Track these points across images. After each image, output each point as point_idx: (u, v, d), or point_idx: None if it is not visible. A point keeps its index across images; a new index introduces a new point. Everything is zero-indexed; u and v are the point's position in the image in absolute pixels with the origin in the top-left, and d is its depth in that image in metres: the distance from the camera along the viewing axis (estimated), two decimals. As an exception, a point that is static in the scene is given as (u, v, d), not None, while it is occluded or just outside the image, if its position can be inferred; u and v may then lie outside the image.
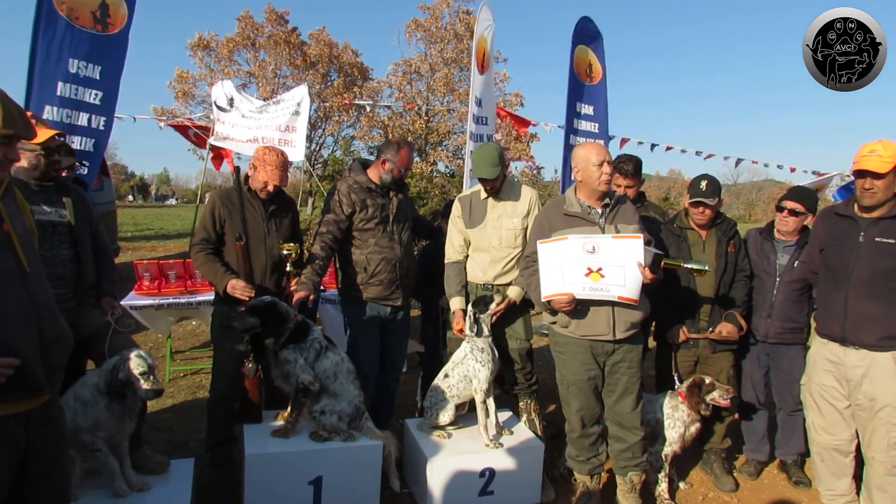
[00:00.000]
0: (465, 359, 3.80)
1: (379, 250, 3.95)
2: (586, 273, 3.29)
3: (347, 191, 3.93)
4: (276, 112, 9.35)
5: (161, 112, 23.37)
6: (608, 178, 3.42)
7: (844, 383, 3.42)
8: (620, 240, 3.30)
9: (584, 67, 7.03)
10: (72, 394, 2.99)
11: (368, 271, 3.95)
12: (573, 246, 3.33)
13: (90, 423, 2.95)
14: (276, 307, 3.46)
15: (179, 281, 5.61)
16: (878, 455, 3.33)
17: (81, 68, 5.01)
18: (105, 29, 5.08)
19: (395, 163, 3.95)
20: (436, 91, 24.24)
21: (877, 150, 3.20)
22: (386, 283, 3.97)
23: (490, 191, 4.00)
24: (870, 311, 3.26)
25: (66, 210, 3.35)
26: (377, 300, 3.99)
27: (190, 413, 4.83)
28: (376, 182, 3.98)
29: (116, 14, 5.13)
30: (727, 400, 3.74)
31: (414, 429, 3.90)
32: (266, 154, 3.74)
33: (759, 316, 4.07)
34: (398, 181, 4.05)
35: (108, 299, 3.47)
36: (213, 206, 3.76)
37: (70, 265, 3.34)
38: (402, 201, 4.10)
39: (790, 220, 3.97)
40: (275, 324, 3.45)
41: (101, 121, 5.26)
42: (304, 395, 3.48)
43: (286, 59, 23.99)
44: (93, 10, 4.98)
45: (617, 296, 3.26)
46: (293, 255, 3.76)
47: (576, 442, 3.70)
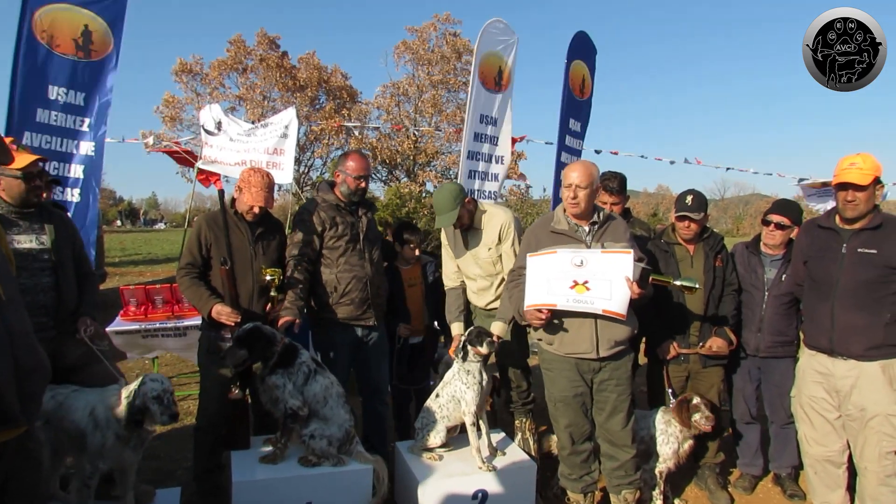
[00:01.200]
0: (453, 379, 3.78)
1: (349, 269, 3.91)
2: (571, 285, 3.27)
3: (316, 209, 3.90)
4: (264, 135, 9.33)
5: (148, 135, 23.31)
6: (573, 201, 3.40)
7: (834, 394, 3.42)
8: (610, 254, 3.30)
9: (579, 82, 7.02)
10: (89, 405, 2.99)
11: (339, 290, 3.90)
12: (561, 259, 3.33)
13: (96, 447, 2.94)
14: (261, 331, 3.42)
15: (166, 306, 5.55)
16: (870, 465, 3.31)
17: (62, 95, 4.98)
18: (88, 56, 5.06)
19: (347, 172, 3.91)
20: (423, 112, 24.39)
21: (857, 163, 3.24)
22: (357, 302, 3.93)
23: (461, 227, 4.07)
24: (856, 322, 3.27)
25: (47, 237, 3.31)
26: (349, 320, 3.95)
27: (177, 440, 4.75)
28: (342, 199, 3.95)
29: (100, 41, 5.11)
30: (708, 426, 3.72)
31: (405, 451, 3.85)
32: (251, 176, 3.72)
33: (748, 330, 4.07)
34: (362, 195, 4.00)
35: (84, 318, 3.39)
36: (200, 229, 3.72)
37: (50, 293, 3.30)
38: (371, 221, 4.07)
39: (777, 234, 3.99)
40: (262, 348, 3.41)
41: (90, 147, 5.23)
42: (292, 421, 3.43)
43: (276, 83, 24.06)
44: (75, 38, 4.97)
45: (602, 309, 3.23)
46: (276, 281, 3.71)
47: (567, 459, 3.67)
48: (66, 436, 3.02)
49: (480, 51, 6.36)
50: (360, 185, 3.94)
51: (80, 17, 4.96)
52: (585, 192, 3.39)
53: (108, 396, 3.05)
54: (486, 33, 6.40)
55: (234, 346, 3.37)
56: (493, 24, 6.50)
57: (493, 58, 6.49)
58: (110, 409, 3.00)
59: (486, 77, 6.45)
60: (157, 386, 3.02)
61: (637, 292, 3.22)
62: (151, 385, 3.01)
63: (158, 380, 3.06)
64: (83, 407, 3.01)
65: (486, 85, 6.48)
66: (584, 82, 7.09)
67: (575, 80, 6.89)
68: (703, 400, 3.76)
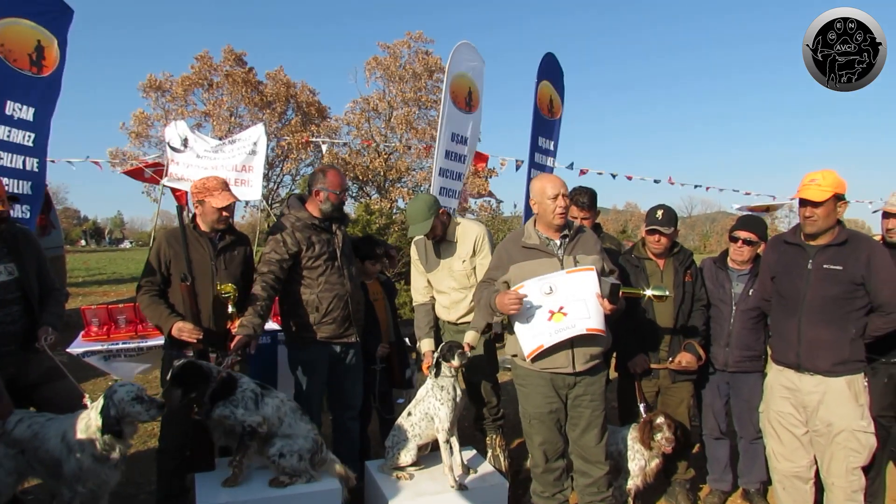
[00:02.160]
0: (426, 396, 3.74)
1: (330, 287, 3.85)
2: (549, 317, 3.28)
3: (291, 229, 3.81)
4: (232, 151, 9.25)
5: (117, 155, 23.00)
6: (563, 210, 3.42)
7: (801, 410, 3.44)
8: (575, 274, 3.32)
9: (546, 102, 7.12)
10: (58, 434, 2.92)
11: (321, 310, 3.83)
12: (531, 291, 3.33)
13: (73, 472, 2.88)
14: (195, 366, 3.33)
15: (130, 326, 5.40)
16: (837, 480, 3.34)
17: (16, 110, 4.90)
18: (39, 71, 5.00)
19: (328, 188, 3.86)
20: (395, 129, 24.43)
21: (816, 180, 3.29)
22: (339, 320, 3.87)
23: (434, 239, 4.04)
24: (822, 337, 3.31)
25: (14, 265, 3.25)
26: (330, 339, 3.89)
27: (141, 463, 4.60)
28: (317, 216, 3.89)
29: (50, 56, 5.06)
30: (668, 447, 3.73)
31: (374, 470, 3.79)
32: (206, 182, 3.65)
33: (717, 345, 4.10)
34: (339, 209, 3.95)
35: (45, 328, 3.29)
36: (159, 246, 3.65)
37: (21, 320, 3.25)
38: (346, 237, 4.02)
39: (745, 250, 4.04)
40: (197, 383, 3.29)
41: (34, 163, 5.15)
42: (249, 438, 3.34)
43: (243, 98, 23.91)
44: (29, 52, 4.90)
45: (585, 328, 3.24)
46: (232, 297, 3.63)
47: (540, 477, 3.64)
48: (42, 465, 2.95)
49: (452, 71, 6.46)
50: (343, 198, 3.94)
51: (33, 31, 4.90)
52: (568, 199, 3.46)
53: (79, 421, 2.99)
54: (457, 53, 6.52)
55: (171, 385, 3.26)
56: (465, 46, 6.62)
57: (463, 79, 6.61)
58: (83, 431, 2.95)
59: (457, 97, 6.55)
60: (130, 389, 3.02)
61: (608, 308, 3.23)
62: (123, 391, 3.00)
63: (127, 385, 3.05)
64: (55, 435, 2.95)
65: (458, 104, 6.59)
66: (553, 102, 7.20)
67: (543, 99, 7.01)
68: (668, 420, 3.76)
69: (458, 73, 6.54)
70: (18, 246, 3.30)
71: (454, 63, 6.47)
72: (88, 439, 2.94)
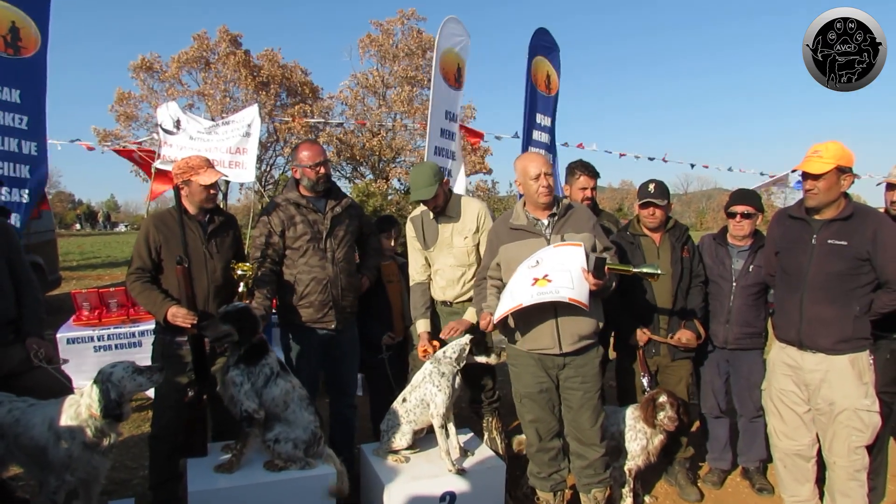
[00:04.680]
0: (423, 382, 3.68)
1: (308, 270, 3.77)
2: (532, 283, 3.20)
3: (276, 210, 3.77)
4: (226, 133, 9.14)
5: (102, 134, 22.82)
6: (546, 189, 3.35)
7: (803, 388, 3.40)
8: (562, 248, 3.27)
9: (543, 78, 6.98)
10: (47, 418, 2.83)
11: (298, 292, 3.77)
12: (520, 269, 3.30)
13: (61, 460, 2.79)
14: (251, 313, 3.33)
15: (122, 310, 5.33)
16: (839, 460, 3.30)
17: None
18: (17, 52, 4.85)
19: (304, 164, 3.76)
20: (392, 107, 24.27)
21: (819, 151, 3.21)
22: (317, 304, 3.79)
23: (434, 210, 3.93)
24: (825, 315, 3.24)
25: None
26: (311, 323, 3.82)
27: (133, 449, 4.57)
28: (306, 194, 3.82)
29: (28, 37, 4.91)
30: (672, 426, 3.67)
31: (370, 454, 3.74)
32: (189, 161, 3.57)
33: (717, 322, 4.05)
34: (327, 182, 3.85)
35: (33, 340, 3.21)
36: (147, 232, 3.55)
37: None
38: (341, 216, 3.90)
39: (744, 224, 3.97)
40: (248, 331, 3.29)
41: (31, 146, 5.01)
42: (248, 425, 3.29)
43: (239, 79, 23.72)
44: (3, 34, 4.76)
45: (567, 297, 3.12)
46: (248, 276, 3.57)
47: (535, 457, 3.61)
48: (23, 453, 2.86)
49: (440, 47, 6.32)
50: (320, 171, 3.77)
51: (7, 13, 4.74)
52: (551, 178, 3.39)
53: (68, 406, 2.90)
54: (445, 28, 6.37)
55: (219, 320, 3.25)
56: (452, 21, 6.47)
57: (451, 55, 6.46)
58: (73, 418, 2.86)
59: (447, 73, 6.41)
60: (125, 365, 2.97)
61: (594, 283, 3.15)
62: (119, 369, 2.94)
63: (118, 364, 2.98)
64: (41, 422, 2.85)
65: (448, 81, 6.45)
66: (550, 79, 7.07)
67: (539, 75, 6.88)
68: (671, 399, 3.70)
69: (447, 49, 6.40)
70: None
71: (443, 38, 6.33)
72: (78, 426, 2.85)
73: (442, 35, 6.34)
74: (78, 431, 2.85)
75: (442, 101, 6.37)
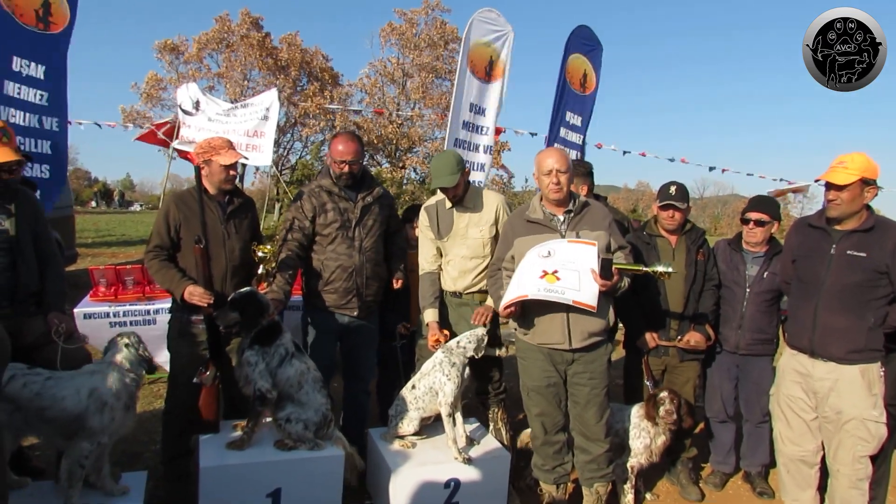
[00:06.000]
0: (432, 370, 3.72)
1: (335, 257, 3.83)
2: (541, 275, 3.22)
3: (308, 195, 3.84)
4: (245, 116, 9.20)
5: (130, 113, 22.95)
6: (556, 187, 3.36)
7: (812, 395, 3.41)
8: (575, 244, 3.27)
9: (579, 77, 6.89)
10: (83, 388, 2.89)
11: (324, 278, 3.84)
12: (530, 255, 3.31)
13: (103, 425, 2.88)
14: (256, 297, 3.39)
15: (137, 287, 5.41)
16: (843, 468, 3.32)
17: (24, 67, 4.80)
18: (47, 28, 4.90)
19: (333, 157, 3.82)
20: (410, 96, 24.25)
21: (844, 162, 3.20)
22: (341, 291, 3.85)
23: (453, 199, 3.94)
24: (838, 324, 3.25)
25: (6, 217, 3.18)
26: (334, 308, 3.89)
27: (146, 423, 4.64)
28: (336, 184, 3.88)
29: (59, 13, 4.96)
30: (669, 419, 3.69)
31: (377, 438, 3.80)
32: (210, 142, 3.61)
33: (729, 327, 4.05)
34: (349, 180, 3.86)
35: (54, 314, 3.25)
36: (168, 210, 3.60)
37: (5, 273, 3.17)
38: (371, 206, 3.94)
39: (757, 231, 3.98)
40: (253, 314, 3.35)
41: (53, 122, 5.07)
42: (260, 404, 3.35)
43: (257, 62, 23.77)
44: (36, 8, 4.80)
45: (572, 300, 3.16)
46: (268, 258, 3.63)
47: (540, 450, 3.65)
48: (49, 425, 2.86)
49: (470, 39, 6.24)
50: (345, 169, 3.81)
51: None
52: (566, 177, 3.39)
53: (106, 373, 2.96)
54: (476, 21, 6.29)
55: (228, 307, 3.33)
56: (485, 14, 6.39)
57: (483, 47, 6.37)
58: (116, 382, 2.95)
59: (475, 66, 6.34)
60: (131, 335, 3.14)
61: (602, 284, 3.18)
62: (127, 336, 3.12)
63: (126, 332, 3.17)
64: (74, 393, 2.86)
65: (477, 73, 6.37)
66: (587, 77, 6.99)
67: (574, 73, 6.80)
68: (671, 395, 3.73)
69: (478, 42, 6.30)
70: (16, 200, 3.24)
71: (473, 31, 6.25)
72: (121, 388, 2.96)
73: (473, 27, 6.26)
74: (122, 394, 2.95)
75: (468, 93, 6.31)
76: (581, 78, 6.91)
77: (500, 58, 6.52)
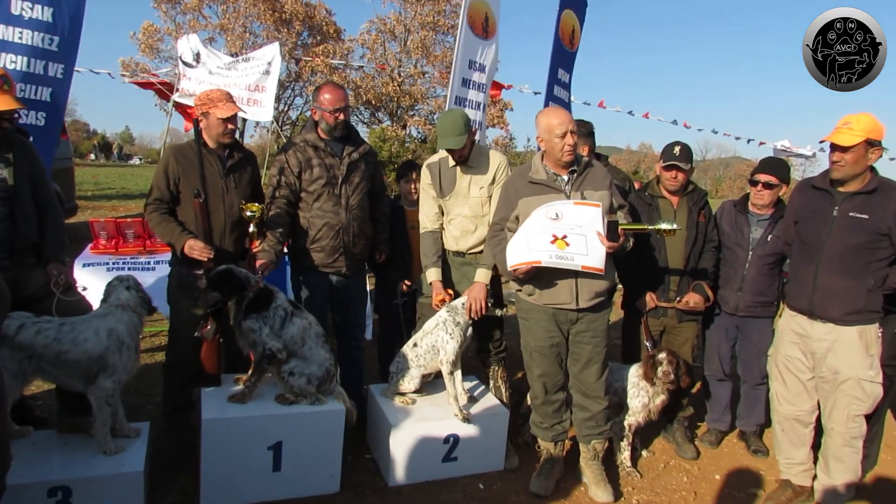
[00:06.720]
0: (435, 328, 3.73)
1: (322, 214, 3.78)
2: (552, 240, 3.21)
3: (294, 150, 3.75)
4: (246, 70, 9.06)
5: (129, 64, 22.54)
6: (571, 148, 3.33)
7: (809, 356, 3.43)
8: (581, 206, 3.25)
9: (569, 33, 6.79)
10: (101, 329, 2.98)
11: (310, 236, 3.79)
12: (537, 215, 3.27)
13: (123, 363, 3.01)
14: (233, 274, 3.34)
15: (138, 240, 5.40)
16: (837, 426, 3.36)
17: (26, 9, 4.58)
18: None
19: (324, 107, 3.72)
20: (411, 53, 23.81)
21: (850, 123, 3.15)
22: (328, 249, 3.81)
23: (458, 159, 3.88)
24: (838, 286, 3.25)
25: (4, 166, 3.14)
26: (322, 266, 3.86)
27: (148, 376, 4.68)
28: (324, 137, 3.79)
29: None
30: (667, 379, 3.71)
31: (378, 394, 3.84)
32: (209, 94, 3.56)
33: (729, 289, 4.06)
34: (344, 128, 3.81)
35: (54, 265, 3.24)
36: (167, 163, 3.56)
37: (4, 223, 3.13)
38: (358, 163, 3.88)
39: (765, 194, 3.95)
40: (234, 291, 3.34)
41: (58, 69, 4.89)
42: (268, 362, 3.37)
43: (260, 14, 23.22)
44: None
45: (581, 265, 3.18)
46: (257, 217, 3.58)
47: (539, 408, 3.68)
48: (68, 368, 2.92)
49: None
50: (339, 117, 3.73)
51: None
52: (576, 136, 3.36)
53: (118, 315, 3.07)
54: None
55: (207, 288, 3.32)
56: None
57: (479, 3, 6.27)
58: (127, 323, 3.07)
59: (474, 22, 6.21)
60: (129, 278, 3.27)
61: (609, 246, 3.17)
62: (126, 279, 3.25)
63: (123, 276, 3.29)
64: (93, 336, 2.94)
65: (475, 30, 6.25)
66: (574, 33, 6.90)
67: (565, 30, 6.70)
68: (669, 356, 3.76)
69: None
70: (13, 150, 3.18)
71: None
72: (133, 329, 3.09)
73: None
74: (134, 333, 3.09)
75: (467, 49, 6.20)
76: (570, 34, 6.80)
77: (493, 14, 6.44)
